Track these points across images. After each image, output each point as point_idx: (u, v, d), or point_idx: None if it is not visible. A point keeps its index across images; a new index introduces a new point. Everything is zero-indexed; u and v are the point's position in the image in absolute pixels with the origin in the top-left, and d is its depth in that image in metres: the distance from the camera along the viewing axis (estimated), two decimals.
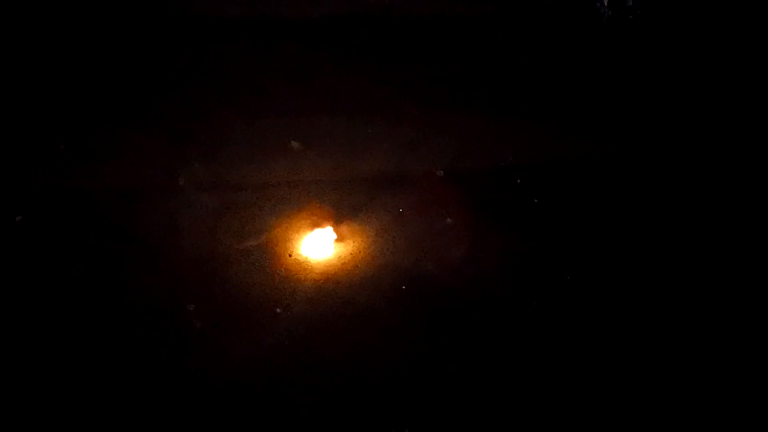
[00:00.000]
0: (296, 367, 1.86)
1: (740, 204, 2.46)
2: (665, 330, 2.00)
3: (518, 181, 2.50)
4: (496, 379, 1.85)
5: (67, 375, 1.80)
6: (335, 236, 2.23)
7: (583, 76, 3.11)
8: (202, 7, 3.60)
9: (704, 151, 2.73)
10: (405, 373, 1.85)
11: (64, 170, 2.48)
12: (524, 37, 3.42)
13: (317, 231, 2.23)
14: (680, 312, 2.05)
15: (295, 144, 2.66)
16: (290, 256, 2.17)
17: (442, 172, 2.54)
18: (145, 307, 1.99)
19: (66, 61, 3.12)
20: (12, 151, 2.56)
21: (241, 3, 3.63)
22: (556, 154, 2.67)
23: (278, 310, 2.00)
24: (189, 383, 1.80)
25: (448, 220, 2.34)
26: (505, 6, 3.61)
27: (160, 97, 2.93)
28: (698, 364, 1.90)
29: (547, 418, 1.76)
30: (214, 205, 2.36)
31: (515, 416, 1.76)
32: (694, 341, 1.97)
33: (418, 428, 1.71)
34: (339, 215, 2.32)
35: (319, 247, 2.19)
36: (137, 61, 3.16)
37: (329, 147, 2.67)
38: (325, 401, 1.77)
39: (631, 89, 3.09)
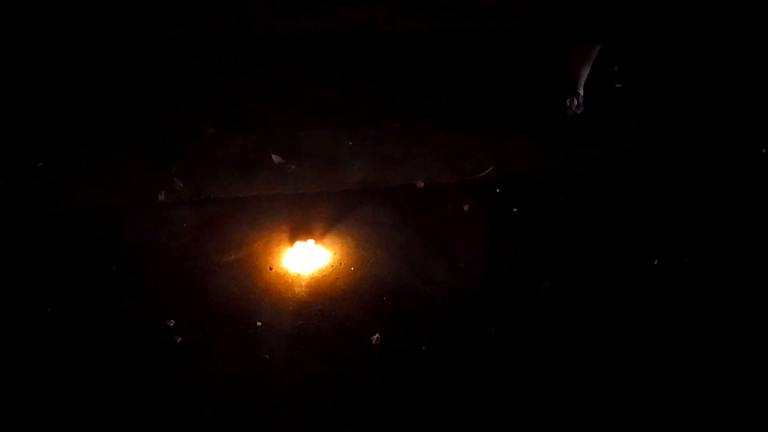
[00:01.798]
0: (277, 381, 1.85)
1: (717, 212, 2.50)
2: (643, 336, 2.01)
3: (498, 191, 2.52)
4: (478, 387, 1.85)
5: (47, 392, 1.78)
6: (316, 249, 2.23)
7: (563, 89, 3.16)
8: (184, 25, 3.63)
9: (681, 163, 2.78)
10: (387, 384, 1.85)
11: (43, 188, 2.47)
12: (505, 52, 3.47)
13: (298, 244, 2.23)
14: (659, 317, 2.07)
15: (276, 158, 2.67)
16: (271, 269, 2.17)
17: (422, 183, 2.56)
18: (124, 324, 1.97)
19: (43, 79, 3.13)
20: None
21: (223, 20, 3.66)
22: (535, 164, 2.71)
23: (259, 324, 1.99)
24: (169, 398, 1.78)
25: (429, 231, 2.35)
26: (487, 22, 3.67)
27: (141, 113, 2.94)
28: (677, 371, 1.92)
29: (529, 426, 1.76)
30: (194, 220, 2.36)
31: (497, 425, 1.76)
32: (673, 347, 1.98)
33: None
34: (320, 228, 2.33)
35: (299, 260, 2.20)
36: (118, 79, 3.17)
37: (310, 161, 2.68)
38: (307, 415, 1.76)
39: (610, 103, 3.14)
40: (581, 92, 3.05)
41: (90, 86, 3.11)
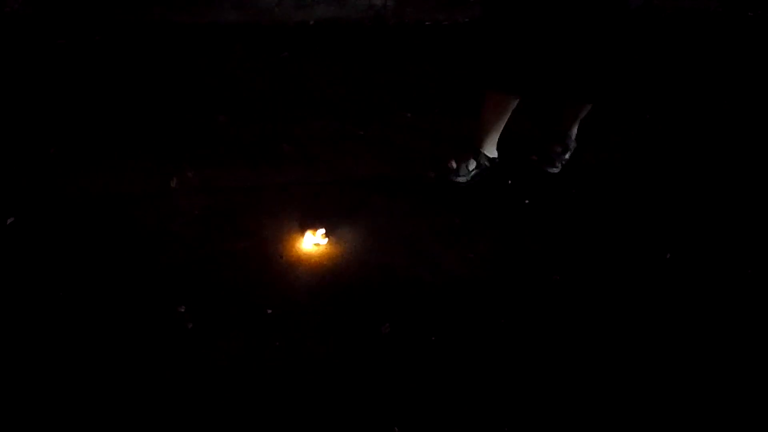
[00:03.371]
0: (287, 369, 1.85)
1: (729, 204, 2.48)
2: (655, 330, 2.00)
3: (509, 182, 2.51)
4: (486, 379, 1.84)
5: (57, 379, 1.79)
6: (326, 238, 2.23)
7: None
8: (195, 14, 3.63)
9: (695, 156, 2.75)
10: (395, 373, 1.85)
11: (55, 174, 2.49)
12: None
13: (308, 233, 2.23)
14: (670, 311, 2.06)
15: (287, 147, 2.67)
16: (281, 258, 2.17)
17: (434, 174, 2.55)
18: (136, 309, 1.98)
19: (56, 66, 3.14)
20: (2, 154, 2.57)
21: (234, 9, 3.66)
22: (547, 155, 2.68)
23: (269, 311, 2.00)
24: (180, 384, 1.79)
25: (440, 221, 2.34)
26: None
27: (153, 102, 2.95)
28: (688, 366, 1.91)
29: (538, 419, 1.76)
30: (205, 208, 2.36)
31: (505, 416, 1.76)
32: (684, 342, 1.97)
33: (407, 428, 1.70)
34: (330, 217, 2.32)
35: (310, 249, 2.20)
36: (130, 67, 3.18)
37: (321, 150, 2.68)
38: (316, 401, 1.77)
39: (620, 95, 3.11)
40: (488, 155, 2.49)
41: (102, 74, 3.12)
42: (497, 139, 2.46)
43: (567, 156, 2.57)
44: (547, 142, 2.58)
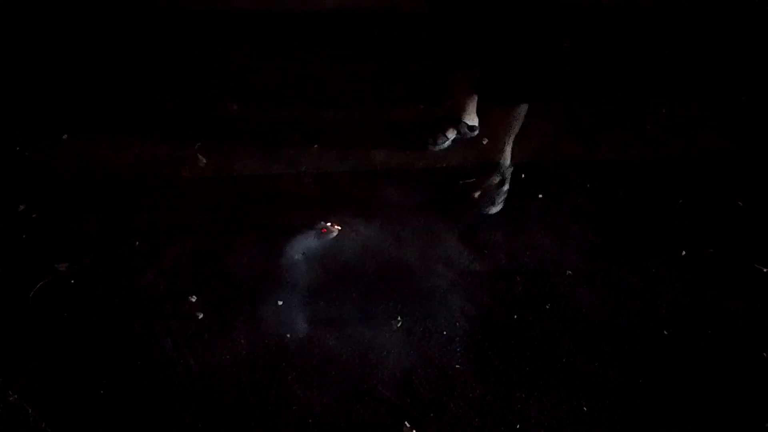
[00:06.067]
0: (297, 361, 1.85)
1: (746, 203, 2.44)
2: (669, 328, 1.97)
3: (523, 176, 2.48)
4: (497, 376, 1.83)
5: (67, 368, 1.80)
6: (338, 229, 2.22)
7: (588, 75, 3.10)
8: (209, 1, 3.61)
9: (710, 152, 2.71)
10: (405, 369, 1.84)
11: (67, 161, 2.49)
12: None
13: (320, 224, 2.22)
14: (685, 309, 2.03)
15: (299, 136, 2.66)
16: (292, 248, 2.16)
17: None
18: (147, 298, 1.99)
19: (70, 53, 3.14)
20: (15, 140, 2.58)
21: None
22: (562, 150, 2.66)
23: (280, 303, 1.99)
24: (189, 372, 1.79)
25: (453, 214, 2.32)
26: None
27: (166, 89, 2.94)
28: (703, 364, 1.88)
29: (550, 417, 1.75)
30: (216, 197, 2.36)
31: (516, 414, 1.74)
32: (699, 339, 1.94)
33: (417, 424, 1.69)
34: (343, 208, 2.31)
35: (321, 240, 2.19)
36: (143, 55, 3.17)
37: (334, 140, 2.66)
38: (326, 395, 1.76)
39: (637, 89, 3.07)
40: (468, 122, 2.63)
41: (114, 61, 3.11)
42: (475, 109, 2.60)
43: (506, 188, 2.34)
44: (482, 175, 2.32)
